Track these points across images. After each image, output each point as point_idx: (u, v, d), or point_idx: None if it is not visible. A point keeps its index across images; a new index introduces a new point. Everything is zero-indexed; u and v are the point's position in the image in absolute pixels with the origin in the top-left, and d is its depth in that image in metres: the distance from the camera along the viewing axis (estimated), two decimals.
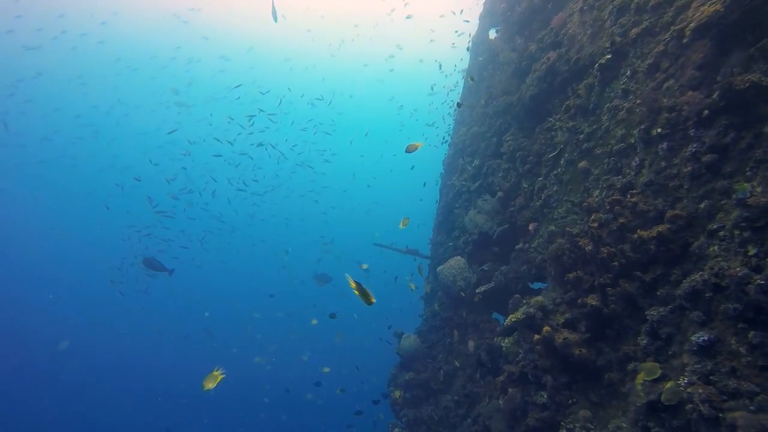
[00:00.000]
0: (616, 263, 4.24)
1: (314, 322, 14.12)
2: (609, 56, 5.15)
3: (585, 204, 5.09)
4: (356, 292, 4.02)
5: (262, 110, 19.60)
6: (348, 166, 44.47)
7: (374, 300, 4.06)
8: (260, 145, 21.42)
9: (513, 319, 5.29)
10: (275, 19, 19.92)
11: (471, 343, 8.15)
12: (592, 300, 4.47)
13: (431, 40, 33.13)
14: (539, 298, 5.29)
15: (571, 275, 4.93)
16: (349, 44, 39.98)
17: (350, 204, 46.25)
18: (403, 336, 9.90)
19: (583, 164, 5.47)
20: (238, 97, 28.72)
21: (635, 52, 4.81)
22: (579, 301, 4.58)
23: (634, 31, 4.80)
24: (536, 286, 7.69)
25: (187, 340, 32.46)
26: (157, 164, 26.19)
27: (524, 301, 6.28)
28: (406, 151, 7.33)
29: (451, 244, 10.18)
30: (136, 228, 24.37)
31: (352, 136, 36.31)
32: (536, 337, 4.75)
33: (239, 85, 27.26)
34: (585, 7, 6.11)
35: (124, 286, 25.10)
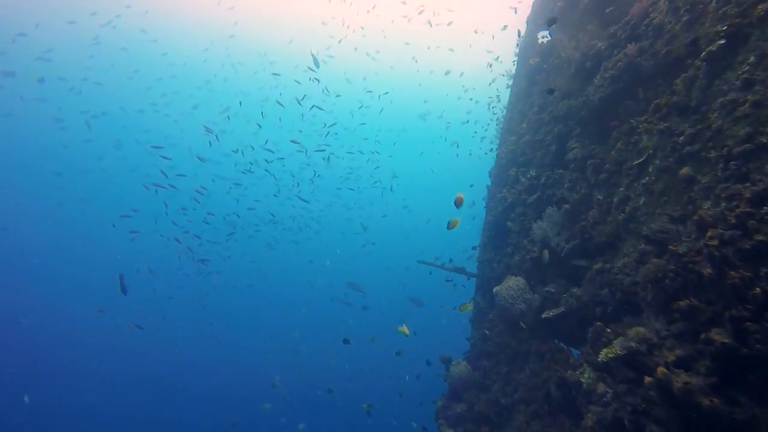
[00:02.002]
0: (758, 291, 3.39)
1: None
2: (722, 42, 4.35)
3: (695, 218, 4.26)
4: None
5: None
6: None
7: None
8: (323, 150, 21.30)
9: (609, 355, 4.45)
10: (317, 66, 20.01)
11: (533, 374, 7.29)
12: (719, 336, 3.62)
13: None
14: (640, 329, 4.44)
15: (681, 303, 4.09)
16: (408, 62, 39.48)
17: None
18: (453, 363, 9.07)
19: (684, 171, 4.65)
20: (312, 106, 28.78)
21: (763, 33, 4.01)
22: (702, 336, 3.73)
23: (762, 7, 4.00)
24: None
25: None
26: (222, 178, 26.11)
27: (608, 330, 5.44)
28: (455, 204, 7.06)
29: (503, 261, 9.37)
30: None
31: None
32: (648, 379, 3.90)
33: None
34: None
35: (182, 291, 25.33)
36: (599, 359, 4.58)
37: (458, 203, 6.86)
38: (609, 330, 5.40)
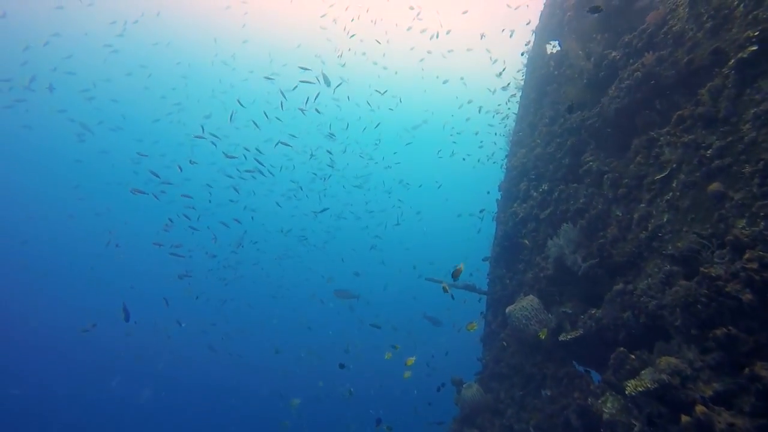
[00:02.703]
0: None
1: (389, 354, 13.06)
2: (754, 48, 4.05)
3: (729, 238, 3.93)
4: None
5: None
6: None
7: None
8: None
9: (639, 388, 4.08)
10: (328, 84, 20.05)
11: (550, 400, 6.90)
12: (766, 371, 3.27)
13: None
14: (671, 359, 4.08)
15: (717, 332, 3.74)
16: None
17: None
18: (464, 385, 8.68)
19: (714, 187, 4.32)
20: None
21: None
22: (746, 371, 3.38)
23: None
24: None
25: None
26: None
27: (632, 356, 5.08)
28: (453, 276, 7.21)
29: (515, 278, 9.02)
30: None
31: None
32: (685, 418, 3.54)
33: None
34: None
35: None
36: (627, 392, 4.21)
37: (456, 275, 7.16)
38: (633, 357, 5.05)
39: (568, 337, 6.39)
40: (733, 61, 4.27)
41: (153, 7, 36.20)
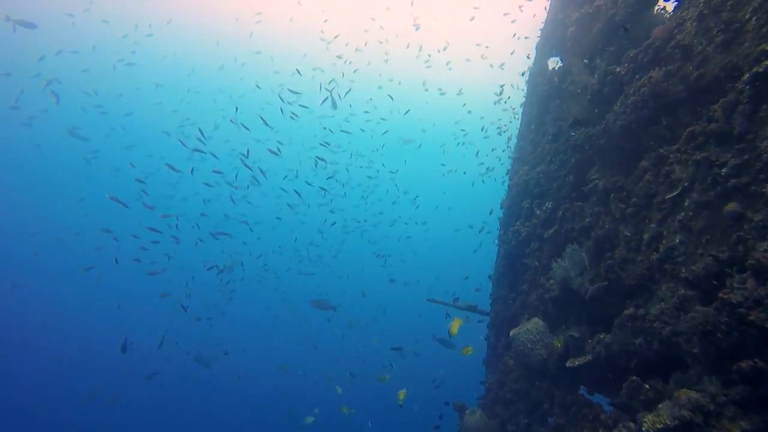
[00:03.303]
0: None
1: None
2: None
3: (751, 262, 3.68)
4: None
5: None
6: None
7: None
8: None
9: (657, 425, 3.78)
10: (335, 107, 20.10)
11: (557, 430, 6.58)
12: None
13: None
14: (691, 393, 3.79)
15: (743, 365, 3.47)
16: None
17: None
18: (468, 411, 8.33)
19: (731, 207, 4.09)
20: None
21: None
22: None
23: None
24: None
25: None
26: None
27: (646, 386, 4.80)
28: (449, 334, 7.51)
29: (518, 299, 8.74)
30: None
31: None
32: None
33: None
34: (706, 11, 4.90)
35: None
36: (644, 428, 3.91)
37: (451, 332, 7.45)
38: (648, 386, 4.76)
39: (576, 362, 6.09)
40: (747, 75, 4.08)
41: (161, 17, 36.52)
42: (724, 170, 4.24)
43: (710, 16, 4.87)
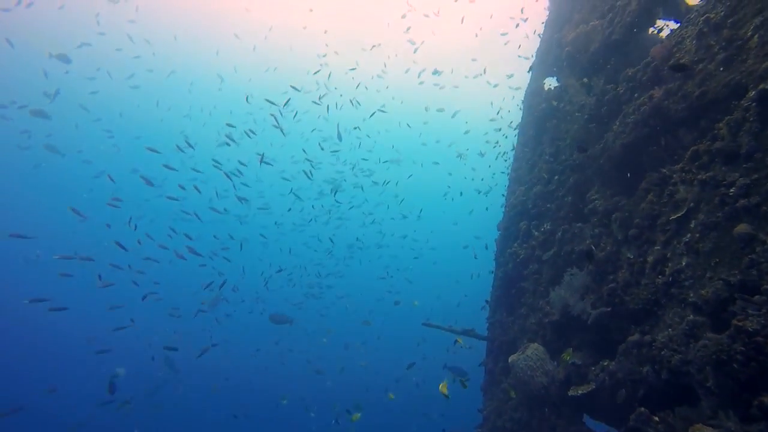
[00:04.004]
0: None
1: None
2: None
3: (766, 287, 3.47)
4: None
5: None
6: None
7: None
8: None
9: None
10: (340, 140, 20.24)
11: None
12: None
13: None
14: (706, 429, 3.53)
15: (765, 399, 3.22)
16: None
17: None
18: None
19: (741, 229, 3.90)
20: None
21: None
22: None
23: None
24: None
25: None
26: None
27: (656, 418, 4.52)
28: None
29: (516, 323, 8.47)
30: None
31: None
32: None
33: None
34: (706, 29, 4.81)
35: None
36: None
37: (443, 392, 7.69)
38: (657, 418, 4.48)
39: (579, 391, 5.80)
40: (753, 93, 3.94)
41: (168, 33, 36.72)
42: (732, 190, 4.07)
43: (711, 34, 4.78)
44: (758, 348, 3.35)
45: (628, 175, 6.05)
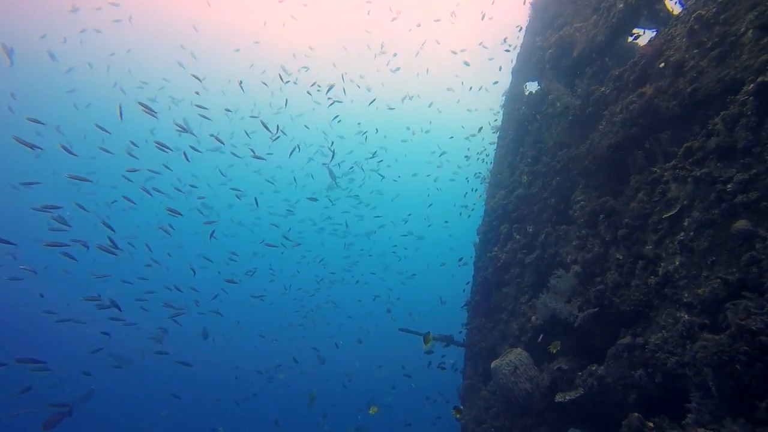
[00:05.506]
0: None
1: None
2: None
3: None
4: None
5: None
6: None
7: None
8: None
9: None
10: (335, 183, 20.29)
11: None
12: None
13: None
14: None
15: None
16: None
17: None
18: None
19: (740, 225, 3.78)
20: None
21: None
22: None
23: None
24: None
25: None
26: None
27: (650, 424, 4.33)
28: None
29: (496, 328, 8.27)
30: None
31: None
32: None
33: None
34: (697, 26, 4.75)
35: None
36: None
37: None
38: (652, 424, 4.30)
39: (566, 397, 5.60)
40: (752, 86, 3.86)
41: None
42: (729, 186, 3.96)
43: (702, 31, 4.73)
44: (763, 347, 3.20)
45: (616, 175, 5.95)
